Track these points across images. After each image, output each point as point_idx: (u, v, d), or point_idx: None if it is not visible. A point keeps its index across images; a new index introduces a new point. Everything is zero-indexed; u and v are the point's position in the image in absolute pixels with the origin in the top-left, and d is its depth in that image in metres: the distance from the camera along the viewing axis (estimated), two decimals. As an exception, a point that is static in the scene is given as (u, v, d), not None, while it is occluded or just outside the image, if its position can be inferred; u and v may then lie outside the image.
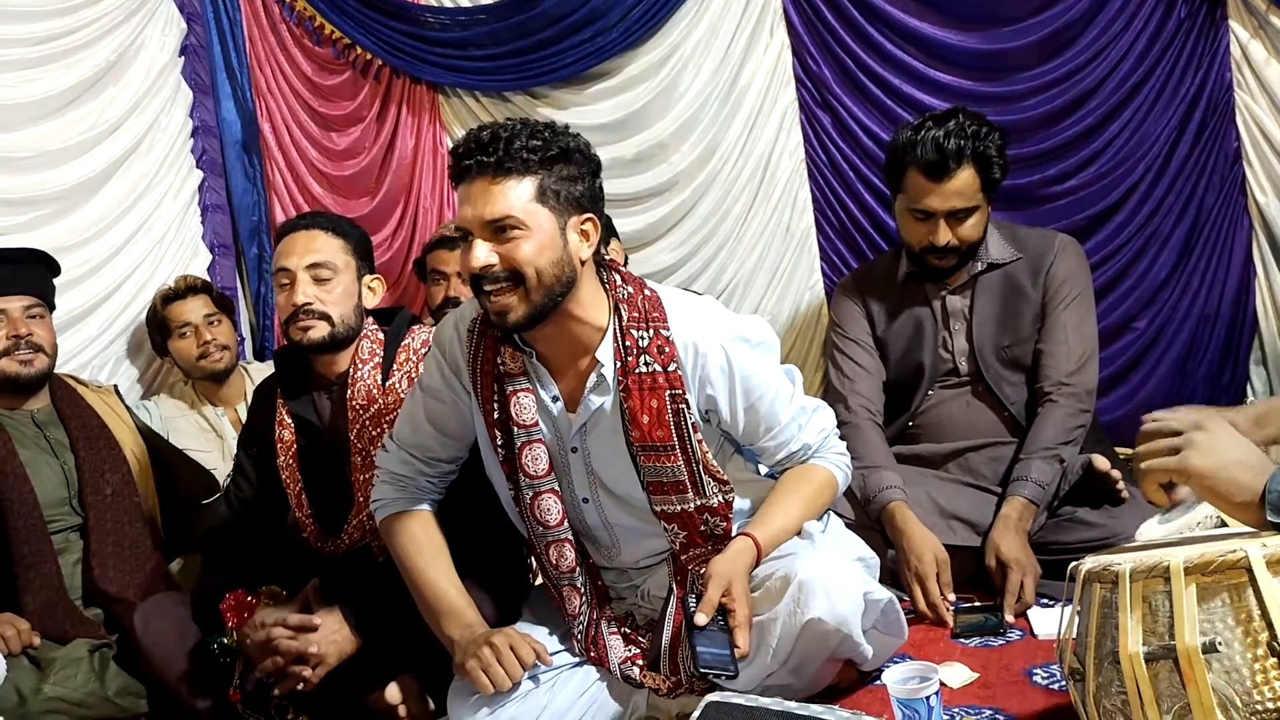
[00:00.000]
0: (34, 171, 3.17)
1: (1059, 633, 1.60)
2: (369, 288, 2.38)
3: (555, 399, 1.97)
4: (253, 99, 3.65)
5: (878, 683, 1.98)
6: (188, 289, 3.20)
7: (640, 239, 3.43)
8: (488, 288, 1.83)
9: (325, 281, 2.30)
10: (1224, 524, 1.67)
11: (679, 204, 3.38)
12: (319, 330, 2.29)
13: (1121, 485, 2.43)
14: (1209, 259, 3.03)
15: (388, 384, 2.34)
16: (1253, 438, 1.53)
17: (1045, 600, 2.35)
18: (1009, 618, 2.28)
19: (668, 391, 1.92)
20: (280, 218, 3.63)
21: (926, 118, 2.59)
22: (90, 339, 3.24)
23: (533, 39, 3.36)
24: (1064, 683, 1.63)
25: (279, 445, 2.39)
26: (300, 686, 2.13)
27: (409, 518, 2.11)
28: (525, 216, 1.80)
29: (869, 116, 3.18)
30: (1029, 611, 2.30)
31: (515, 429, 1.96)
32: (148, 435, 2.75)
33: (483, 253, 1.81)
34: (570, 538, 2.02)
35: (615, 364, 1.93)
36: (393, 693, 2.20)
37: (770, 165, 3.33)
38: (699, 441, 1.94)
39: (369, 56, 3.54)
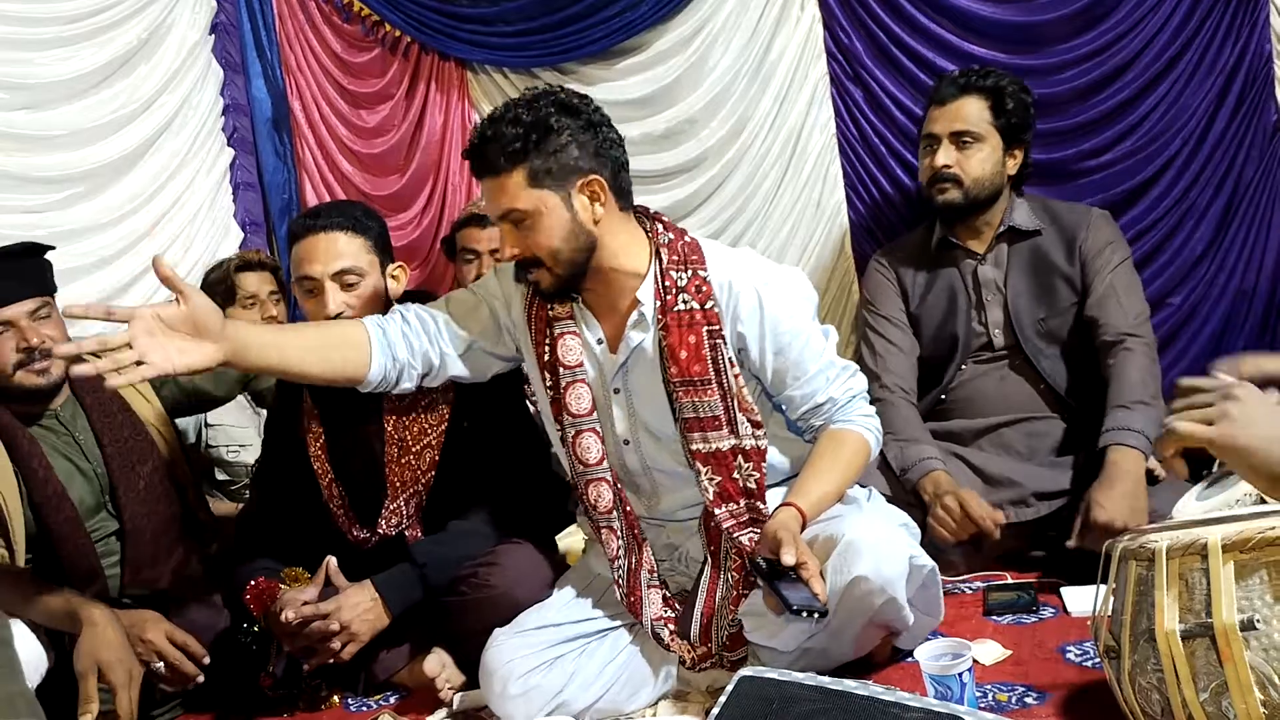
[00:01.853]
0: (68, 149, 3.20)
1: (1094, 610, 1.59)
2: (392, 277, 2.37)
3: (600, 341, 2.07)
4: (282, 77, 3.65)
5: (910, 659, 1.98)
6: (259, 263, 3.22)
7: (669, 215, 3.35)
8: (519, 268, 2.02)
9: (353, 286, 2.27)
10: (1263, 501, 1.66)
11: (708, 180, 3.37)
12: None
13: (1157, 464, 2.41)
14: (1247, 233, 2.98)
15: None
16: None
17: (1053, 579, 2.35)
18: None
19: (705, 328, 2.00)
20: (310, 195, 3.64)
21: None
22: (125, 316, 3.27)
23: (561, 14, 3.35)
24: (1097, 660, 1.63)
25: (308, 436, 2.39)
26: (332, 660, 2.16)
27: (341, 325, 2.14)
28: (527, 204, 1.92)
29: (901, 90, 3.15)
30: (1062, 589, 2.29)
31: (561, 370, 2.06)
32: (162, 393, 2.64)
33: (508, 245, 1.98)
34: (608, 477, 2.08)
35: (655, 303, 2.02)
36: (432, 664, 2.23)
37: (800, 140, 3.30)
38: (735, 376, 2.01)
39: (398, 33, 3.54)
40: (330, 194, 3.63)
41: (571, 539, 2.71)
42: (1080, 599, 2.19)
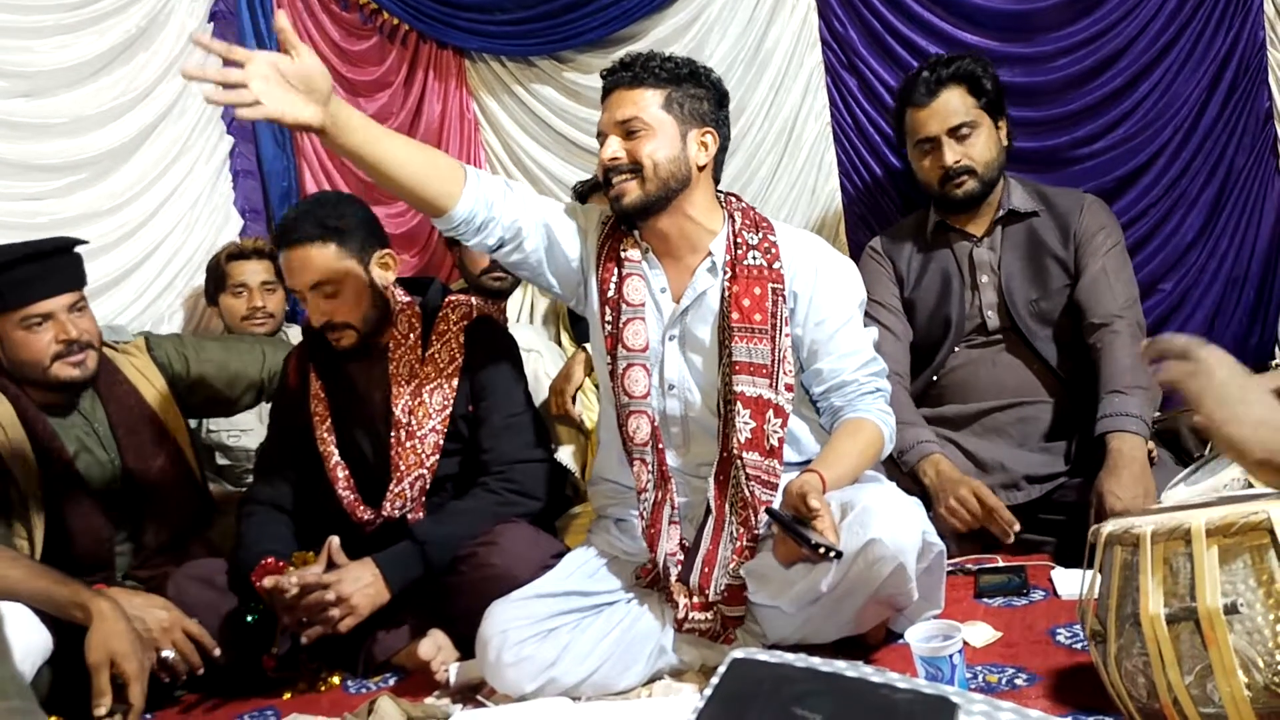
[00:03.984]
0: (68, 137, 3.20)
1: (1081, 594, 1.62)
2: (380, 265, 2.38)
3: (663, 289, 2.21)
4: (281, 64, 3.65)
5: (901, 641, 2.01)
6: (253, 251, 3.22)
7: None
8: (613, 179, 2.14)
9: (334, 296, 2.31)
10: (1250, 485, 1.68)
11: (705, 167, 3.38)
12: (348, 338, 2.36)
13: (1151, 446, 2.42)
14: (1238, 220, 3.00)
15: (427, 354, 2.37)
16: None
17: (1057, 565, 2.38)
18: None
19: (770, 284, 2.16)
20: (310, 183, 3.64)
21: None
22: (127, 303, 3.28)
23: (559, 2, 3.34)
24: (1087, 643, 1.65)
25: (315, 419, 2.42)
26: (331, 632, 2.19)
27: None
28: (651, 120, 2.13)
29: (895, 78, 3.15)
30: (1053, 572, 2.32)
31: (624, 306, 2.19)
32: (175, 380, 2.67)
33: (612, 148, 2.13)
34: (649, 411, 2.19)
35: (725, 255, 2.18)
36: (427, 648, 2.25)
37: (796, 129, 3.31)
38: (786, 335, 2.15)
39: (396, 21, 3.54)
40: (330, 182, 3.63)
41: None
42: (1070, 582, 2.21)
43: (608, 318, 2.21)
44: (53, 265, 2.38)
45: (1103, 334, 2.54)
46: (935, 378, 2.72)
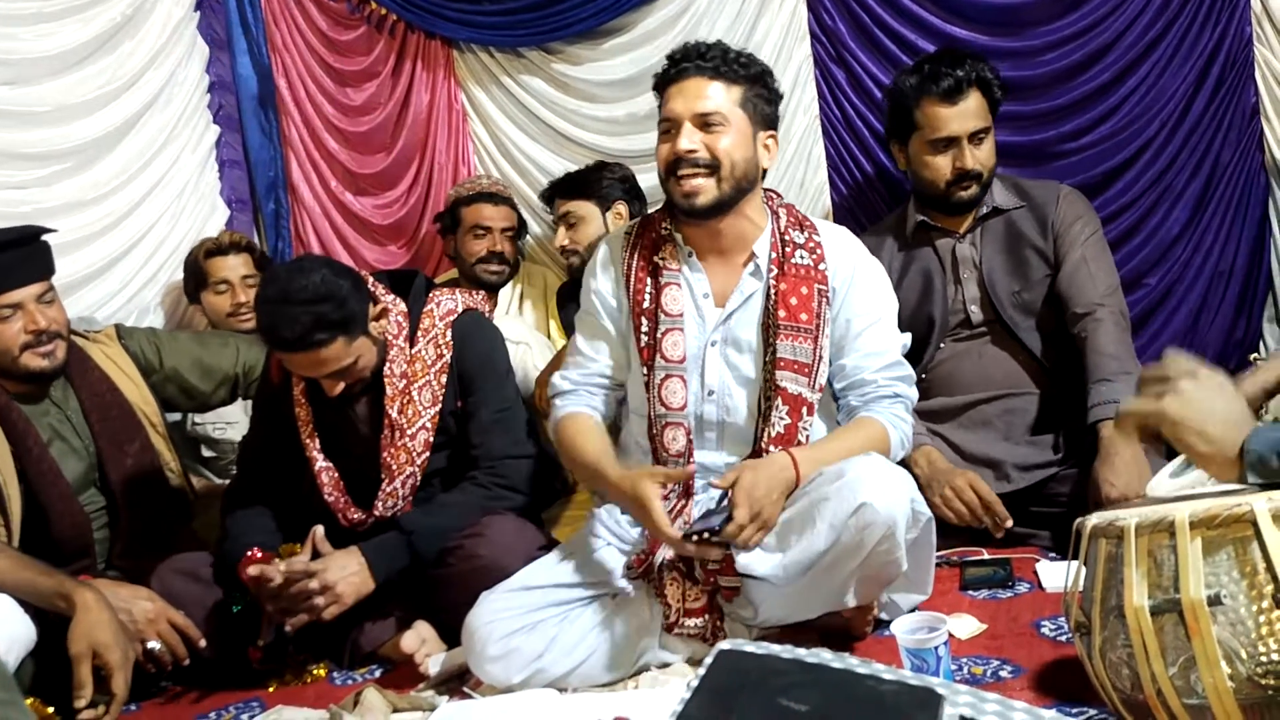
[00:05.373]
0: (53, 125, 3.17)
1: (1065, 587, 1.62)
2: (376, 321, 2.34)
3: (706, 295, 2.20)
4: (268, 54, 3.62)
5: (887, 633, 2.01)
6: (231, 246, 3.19)
7: (654, 196, 3.41)
8: (684, 172, 2.11)
9: (350, 371, 2.29)
10: (1233, 479, 1.68)
11: (693, 160, 3.37)
12: (362, 384, 2.36)
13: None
14: (1224, 215, 3.01)
15: (414, 351, 2.36)
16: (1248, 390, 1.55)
17: (1053, 554, 2.38)
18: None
19: (816, 284, 2.18)
20: (297, 173, 3.63)
21: (920, 60, 2.72)
22: (112, 293, 3.26)
23: (548, -7, 3.34)
24: (1071, 635, 1.66)
25: (299, 424, 2.41)
26: (315, 620, 2.18)
27: (573, 418, 2.25)
28: (730, 115, 2.11)
29: (883, 72, 3.16)
30: (1038, 565, 2.33)
31: (663, 316, 2.18)
32: (148, 372, 2.67)
33: (690, 140, 2.10)
34: (685, 423, 2.18)
35: (771, 254, 2.19)
36: (410, 641, 2.25)
37: (784, 122, 3.29)
38: (826, 335, 2.17)
39: (384, 11, 3.51)
40: (316, 172, 3.62)
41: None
42: (1055, 575, 2.22)
43: (644, 329, 2.20)
44: (20, 255, 2.38)
45: (1086, 323, 2.56)
46: (923, 375, 2.73)
